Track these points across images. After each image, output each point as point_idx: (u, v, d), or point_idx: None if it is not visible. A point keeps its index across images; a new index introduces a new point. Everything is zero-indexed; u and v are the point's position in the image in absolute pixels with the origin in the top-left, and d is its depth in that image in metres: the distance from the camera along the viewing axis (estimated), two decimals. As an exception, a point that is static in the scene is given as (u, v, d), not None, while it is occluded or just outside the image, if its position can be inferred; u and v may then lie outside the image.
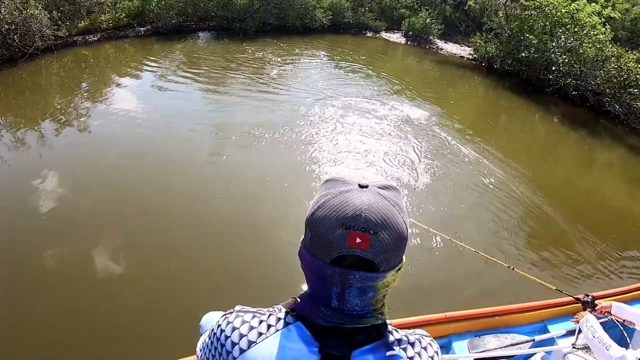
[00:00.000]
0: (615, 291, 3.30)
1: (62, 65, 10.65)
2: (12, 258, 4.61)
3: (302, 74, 11.16)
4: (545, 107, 11.19)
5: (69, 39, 11.57)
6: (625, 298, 3.23)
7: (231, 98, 9.22)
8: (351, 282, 0.72)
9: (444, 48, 14.62)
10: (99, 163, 6.49)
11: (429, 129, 8.61)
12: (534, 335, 3.07)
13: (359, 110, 9.03)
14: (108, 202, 5.59)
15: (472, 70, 13.20)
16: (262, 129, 7.73)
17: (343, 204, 0.70)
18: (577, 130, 10.24)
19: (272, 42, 13.31)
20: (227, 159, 6.83)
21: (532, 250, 5.61)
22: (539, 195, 6.77)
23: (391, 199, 0.73)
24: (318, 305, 0.75)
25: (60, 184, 5.93)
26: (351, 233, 0.68)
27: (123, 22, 13.06)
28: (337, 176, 0.77)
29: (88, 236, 4.94)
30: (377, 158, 7.20)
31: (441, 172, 7.02)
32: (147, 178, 6.25)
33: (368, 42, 14.88)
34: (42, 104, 8.52)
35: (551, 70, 11.41)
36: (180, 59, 11.56)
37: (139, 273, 4.53)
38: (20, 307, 4.03)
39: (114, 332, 3.82)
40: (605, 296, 3.10)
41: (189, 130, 7.59)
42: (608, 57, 10.79)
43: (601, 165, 9.18)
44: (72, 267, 4.52)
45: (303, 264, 0.79)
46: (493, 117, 10.61)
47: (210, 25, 14.23)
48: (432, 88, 11.24)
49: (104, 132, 7.45)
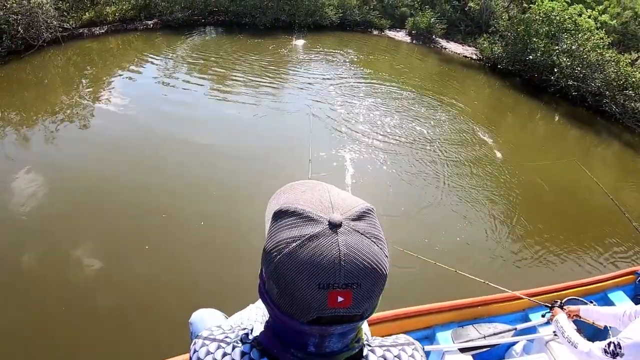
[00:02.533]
0: (570, 285, 3.36)
1: (67, 59, 10.44)
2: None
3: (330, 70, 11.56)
4: (547, 105, 11.93)
5: (75, 32, 11.32)
6: (580, 292, 3.30)
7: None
8: (332, 332, 0.65)
9: (447, 47, 15.18)
10: (82, 162, 6.34)
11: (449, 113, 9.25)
12: (516, 324, 3.12)
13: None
14: (89, 202, 5.45)
15: (477, 70, 13.82)
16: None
17: (316, 257, 0.59)
18: (576, 127, 10.99)
19: (288, 38, 13.65)
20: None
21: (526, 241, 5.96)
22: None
23: (369, 232, 0.63)
24: (288, 349, 0.68)
25: (43, 183, 5.73)
26: (331, 292, 0.59)
27: (130, 15, 12.86)
28: (297, 206, 0.65)
29: (72, 235, 4.85)
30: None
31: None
32: (138, 177, 6.13)
33: (374, 39, 15.30)
34: (38, 100, 8.28)
35: (553, 71, 12.14)
36: (189, 54, 11.49)
37: (121, 272, 4.45)
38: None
39: (96, 332, 3.76)
40: (560, 289, 3.23)
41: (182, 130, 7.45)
42: (607, 62, 11.57)
43: (597, 159, 9.99)
44: (52, 267, 4.43)
45: (267, 307, 0.69)
46: (500, 113, 11.27)
47: (219, 19, 14.24)
48: (439, 82, 11.98)
49: (98, 131, 7.29)
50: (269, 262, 0.63)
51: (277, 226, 0.65)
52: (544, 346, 2.90)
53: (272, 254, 0.63)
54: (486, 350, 2.92)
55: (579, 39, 11.95)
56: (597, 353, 2.04)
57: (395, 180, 6.79)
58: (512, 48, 13.06)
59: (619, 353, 1.94)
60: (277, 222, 0.66)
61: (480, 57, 14.25)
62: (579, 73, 11.77)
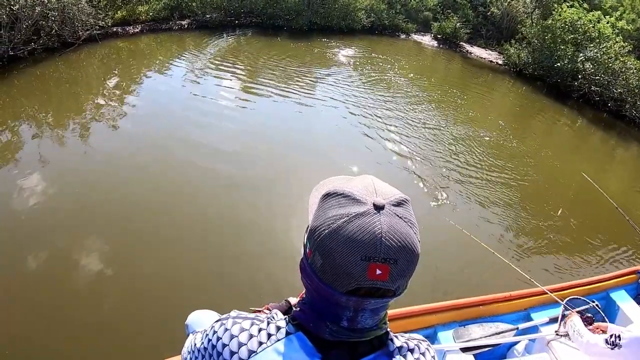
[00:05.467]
0: (572, 284, 3.35)
1: (100, 58, 10.30)
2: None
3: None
4: (570, 109, 12.69)
5: (109, 30, 11.29)
6: (582, 291, 3.30)
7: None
8: (365, 307, 0.71)
9: (472, 52, 15.87)
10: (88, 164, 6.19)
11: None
12: (518, 323, 3.09)
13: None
14: (96, 201, 5.38)
15: (503, 74, 14.56)
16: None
17: (361, 232, 0.66)
18: (599, 130, 11.75)
19: (327, 42, 14.12)
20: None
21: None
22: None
23: (407, 217, 0.70)
24: (324, 321, 0.73)
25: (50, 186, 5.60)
26: (371, 265, 0.66)
27: (163, 15, 12.93)
28: (345, 189, 0.72)
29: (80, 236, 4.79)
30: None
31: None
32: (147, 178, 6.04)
33: (402, 43, 15.96)
34: (67, 99, 8.18)
35: (577, 77, 12.90)
36: (224, 55, 11.50)
37: (124, 273, 4.40)
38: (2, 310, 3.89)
39: (98, 333, 3.73)
40: (563, 288, 3.22)
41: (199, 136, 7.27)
42: (629, 69, 12.35)
43: (618, 160, 10.71)
44: (56, 267, 4.37)
45: (307, 282, 0.76)
46: (529, 116, 11.99)
47: (254, 21, 14.55)
48: (469, 84, 12.69)
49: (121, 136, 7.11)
50: (317, 236, 0.70)
51: (326, 205, 0.72)
52: (545, 346, 2.90)
53: (321, 228, 0.70)
54: (488, 350, 2.91)
55: (603, 47, 12.68)
56: (599, 343, 2.11)
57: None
58: (540, 55, 13.77)
59: (618, 344, 2.00)
60: (325, 202, 0.72)
61: (507, 62, 14.94)
62: (603, 80, 12.53)
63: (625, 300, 3.41)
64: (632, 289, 3.59)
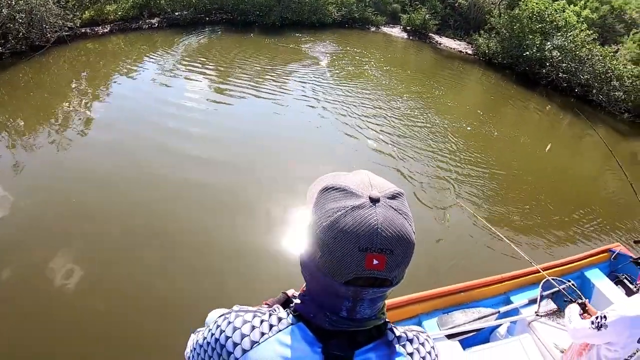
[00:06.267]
0: (547, 266, 3.45)
1: (67, 61, 9.84)
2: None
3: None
4: (539, 95, 13.05)
5: (78, 31, 10.84)
6: (558, 272, 3.43)
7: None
8: (364, 296, 0.73)
9: (442, 42, 16.06)
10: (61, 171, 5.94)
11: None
12: (499, 307, 3.19)
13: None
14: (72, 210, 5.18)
15: (473, 64, 14.80)
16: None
17: (358, 224, 0.69)
18: (567, 115, 12.12)
19: (301, 37, 14.02)
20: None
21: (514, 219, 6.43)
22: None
23: (401, 210, 0.73)
24: (324, 311, 0.76)
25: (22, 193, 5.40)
26: (368, 255, 0.68)
27: (132, 14, 12.55)
28: (341, 183, 0.74)
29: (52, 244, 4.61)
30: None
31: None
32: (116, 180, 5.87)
33: (372, 35, 16.01)
34: (33, 106, 7.73)
35: (545, 65, 13.24)
36: (192, 55, 11.20)
37: (103, 281, 4.27)
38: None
39: (80, 342, 3.66)
40: (540, 270, 3.27)
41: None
42: (596, 56, 12.75)
43: (586, 143, 11.06)
44: (32, 277, 4.23)
45: (307, 274, 0.79)
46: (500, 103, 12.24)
47: (224, 18, 14.30)
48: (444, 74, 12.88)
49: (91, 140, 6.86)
50: (316, 229, 0.73)
51: (323, 199, 0.75)
52: (527, 327, 3.02)
53: (319, 222, 0.73)
54: (472, 335, 2.99)
55: (569, 36, 13.04)
56: (585, 326, 2.13)
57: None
58: (509, 44, 14.06)
59: (604, 324, 2.03)
60: (323, 196, 0.75)
61: (477, 52, 15.19)
62: (570, 67, 12.90)
63: (599, 278, 3.57)
64: (605, 266, 3.76)
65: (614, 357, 2.06)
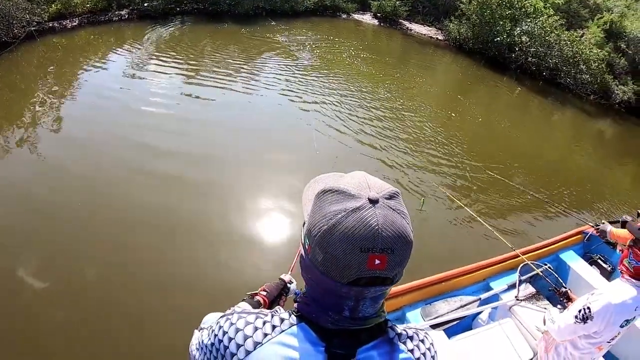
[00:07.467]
0: (524, 250, 3.49)
1: (39, 57, 9.35)
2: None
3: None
4: (510, 79, 13.35)
5: (46, 25, 10.31)
6: (533, 256, 3.48)
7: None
8: (366, 295, 0.74)
9: (412, 29, 16.13)
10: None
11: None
12: (479, 294, 3.23)
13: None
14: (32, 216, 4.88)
15: (444, 49, 14.97)
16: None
17: (359, 226, 0.69)
18: (536, 97, 12.47)
19: (275, 25, 13.85)
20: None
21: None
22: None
23: (399, 209, 0.74)
24: (326, 311, 0.77)
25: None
26: (370, 255, 0.69)
27: (101, 5, 11.98)
28: (339, 186, 0.75)
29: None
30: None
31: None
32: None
33: (344, 23, 15.97)
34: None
35: (514, 50, 13.50)
36: (162, 47, 10.84)
37: (68, 288, 4.03)
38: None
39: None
40: (517, 255, 3.38)
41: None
42: (564, 41, 13.07)
43: (555, 123, 11.44)
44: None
45: (309, 276, 0.80)
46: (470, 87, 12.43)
47: (196, 8, 13.93)
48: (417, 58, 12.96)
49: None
50: (316, 232, 0.73)
51: (322, 202, 0.75)
52: (507, 311, 3.06)
53: (320, 225, 0.72)
54: (455, 324, 3.02)
55: (538, 22, 13.31)
56: (569, 322, 2.10)
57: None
58: (480, 30, 14.26)
59: (589, 316, 1.99)
60: (321, 199, 0.75)
61: (447, 37, 15.33)
62: (539, 52, 13.20)
63: (574, 259, 3.65)
64: (579, 248, 3.85)
65: (596, 342, 2.09)
